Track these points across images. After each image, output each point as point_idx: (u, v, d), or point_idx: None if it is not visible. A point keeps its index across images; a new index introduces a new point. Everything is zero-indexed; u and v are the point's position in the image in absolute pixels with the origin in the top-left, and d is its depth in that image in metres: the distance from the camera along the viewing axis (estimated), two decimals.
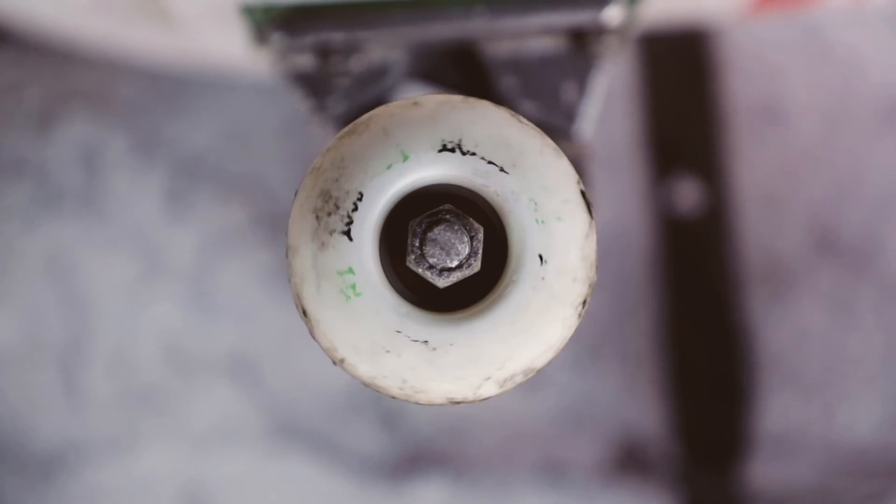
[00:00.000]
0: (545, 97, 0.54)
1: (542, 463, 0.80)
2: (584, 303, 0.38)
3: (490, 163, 0.37)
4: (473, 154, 0.37)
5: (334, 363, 0.38)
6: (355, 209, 0.37)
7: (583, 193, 0.37)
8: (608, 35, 0.54)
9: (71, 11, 0.68)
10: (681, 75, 0.81)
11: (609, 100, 0.78)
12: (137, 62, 0.79)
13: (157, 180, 0.81)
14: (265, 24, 0.54)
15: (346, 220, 0.37)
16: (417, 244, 0.37)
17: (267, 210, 0.80)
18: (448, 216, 0.37)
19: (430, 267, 0.37)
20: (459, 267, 0.37)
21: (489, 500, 0.80)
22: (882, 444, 0.80)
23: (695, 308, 0.80)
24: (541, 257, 0.37)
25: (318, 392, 0.80)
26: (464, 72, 0.56)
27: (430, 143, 0.37)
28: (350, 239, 0.37)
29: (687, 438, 0.80)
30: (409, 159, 0.37)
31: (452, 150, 0.37)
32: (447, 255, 0.37)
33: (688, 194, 0.81)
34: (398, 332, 0.37)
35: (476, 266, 0.38)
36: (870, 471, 0.80)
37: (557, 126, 0.54)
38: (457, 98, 0.38)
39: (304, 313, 0.37)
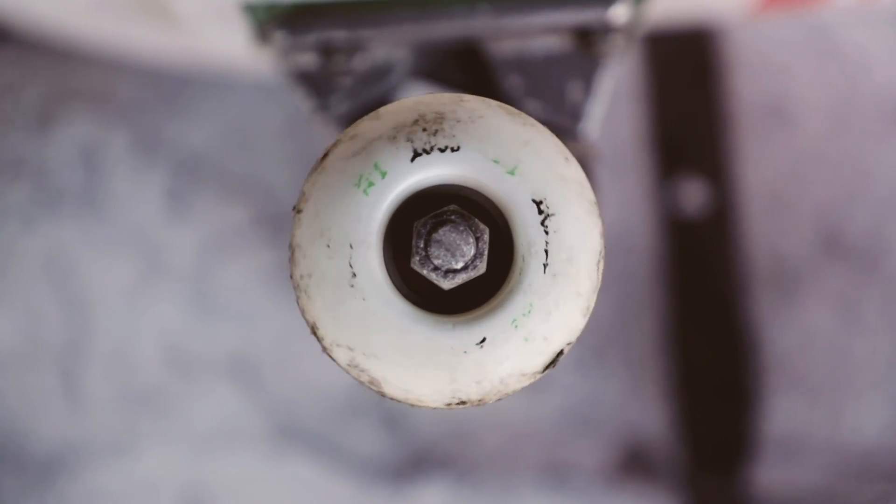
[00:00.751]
0: (550, 96, 0.54)
1: (546, 465, 0.80)
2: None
3: (546, 251, 0.37)
4: (546, 233, 0.37)
5: (293, 208, 0.38)
6: (442, 151, 0.37)
7: (558, 354, 0.38)
8: (614, 34, 0.54)
9: (72, 10, 0.68)
10: (686, 75, 0.81)
11: (614, 99, 0.78)
12: (138, 61, 0.79)
13: (157, 180, 0.80)
14: (267, 23, 0.54)
15: (427, 148, 0.37)
16: (422, 245, 0.37)
17: (268, 210, 0.80)
18: (453, 217, 0.37)
19: (435, 268, 0.37)
20: (465, 268, 0.37)
21: (492, 503, 0.79)
22: (888, 447, 0.79)
23: (700, 309, 0.80)
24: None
25: (319, 394, 0.80)
26: (468, 71, 0.55)
27: (532, 189, 0.37)
28: (412, 161, 0.37)
29: (691, 441, 0.80)
30: (513, 174, 0.37)
31: (539, 212, 0.37)
32: (452, 256, 0.37)
33: (693, 194, 0.81)
34: (350, 246, 0.37)
35: (482, 267, 0.37)
36: (876, 474, 0.79)
37: (563, 126, 0.53)
38: (591, 196, 0.38)
39: (324, 157, 0.38)
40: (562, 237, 0.37)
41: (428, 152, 0.37)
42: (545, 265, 0.37)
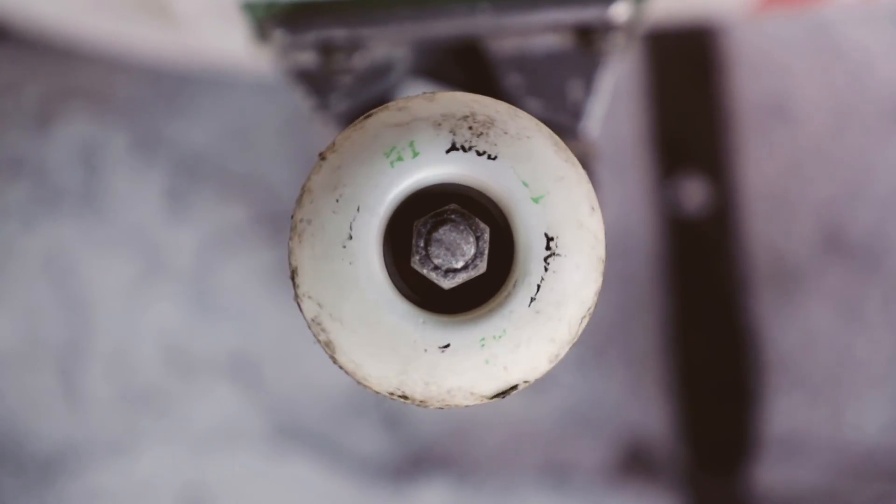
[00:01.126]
0: (551, 95, 0.54)
1: (547, 465, 0.79)
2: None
3: (539, 286, 0.37)
4: (546, 269, 0.37)
5: (319, 153, 0.38)
6: (479, 154, 0.37)
7: (512, 388, 0.38)
8: (615, 32, 0.54)
9: (71, 9, 0.68)
10: (687, 73, 0.80)
11: (615, 98, 0.78)
12: (137, 60, 0.78)
13: (157, 179, 0.80)
14: (266, 21, 0.54)
15: (465, 146, 0.37)
16: (422, 245, 0.37)
17: (268, 209, 0.80)
18: (454, 216, 0.37)
19: (435, 268, 0.37)
20: (465, 268, 0.37)
21: (492, 503, 0.79)
22: (890, 445, 0.79)
23: (701, 308, 0.80)
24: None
25: (319, 393, 0.80)
26: (468, 69, 0.55)
27: (549, 224, 0.37)
28: (446, 152, 0.37)
29: (693, 440, 0.79)
30: (536, 202, 0.37)
31: (547, 247, 0.37)
32: (452, 255, 0.37)
33: (694, 193, 0.80)
34: (357, 209, 0.37)
35: (482, 267, 0.37)
36: (878, 473, 0.79)
37: (563, 124, 0.53)
38: (601, 254, 0.38)
39: (367, 116, 0.38)
40: (559, 279, 0.37)
41: (465, 150, 0.37)
42: (532, 299, 0.37)
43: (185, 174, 0.80)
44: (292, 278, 0.37)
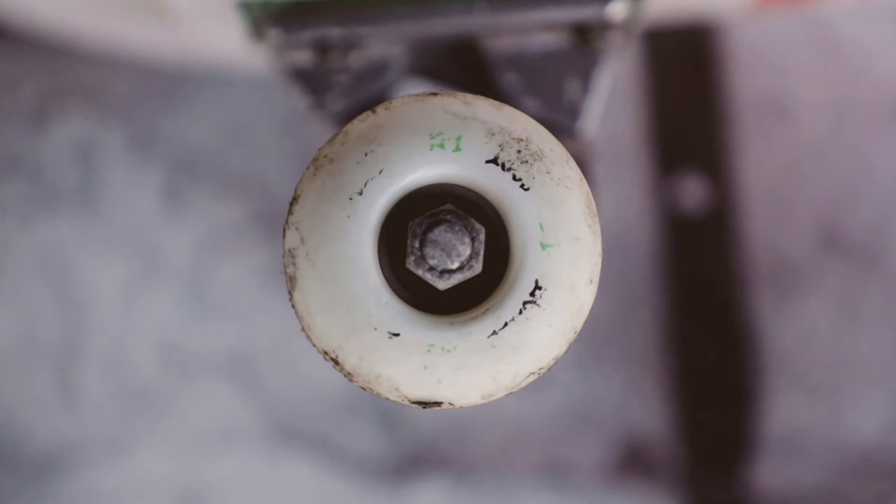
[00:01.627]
0: (548, 94, 0.54)
1: (545, 464, 0.79)
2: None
3: (506, 324, 0.37)
4: (520, 312, 0.37)
5: (372, 107, 0.38)
6: (514, 178, 0.37)
7: (433, 403, 0.37)
8: (612, 30, 0.53)
9: (67, 7, 0.68)
10: (686, 71, 0.80)
11: (613, 96, 0.78)
12: (134, 58, 0.78)
13: (153, 178, 0.80)
14: (262, 20, 0.53)
15: (506, 165, 0.37)
16: (417, 245, 0.37)
17: (265, 208, 0.80)
18: (449, 216, 0.37)
19: (431, 269, 0.37)
20: (460, 269, 0.37)
21: (491, 502, 0.79)
22: (890, 444, 0.79)
23: (699, 307, 0.80)
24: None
25: (317, 392, 0.79)
26: (465, 68, 0.55)
27: (544, 273, 0.37)
28: (486, 162, 0.37)
29: (691, 439, 0.79)
30: (543, 248, 0.37)
31: (531, 293, 0.37)
32: (448, 256, 0.37)
33: (692, 192, 0.80)
34: (380, 171, 0.37)
35: (477, 268, 0.37)
36: (877, 472, 0.79)
37: (561, 123, 0.53)
38: (578, 325, 0.38)
39: (433, 94, 0.38)
40: (526, 328, 0.37)
41: (504, 169, 0.37)
42: (494, 332, 0.37)
43: (182, 172, 0.80)
44: (291, 204, 0.37)
